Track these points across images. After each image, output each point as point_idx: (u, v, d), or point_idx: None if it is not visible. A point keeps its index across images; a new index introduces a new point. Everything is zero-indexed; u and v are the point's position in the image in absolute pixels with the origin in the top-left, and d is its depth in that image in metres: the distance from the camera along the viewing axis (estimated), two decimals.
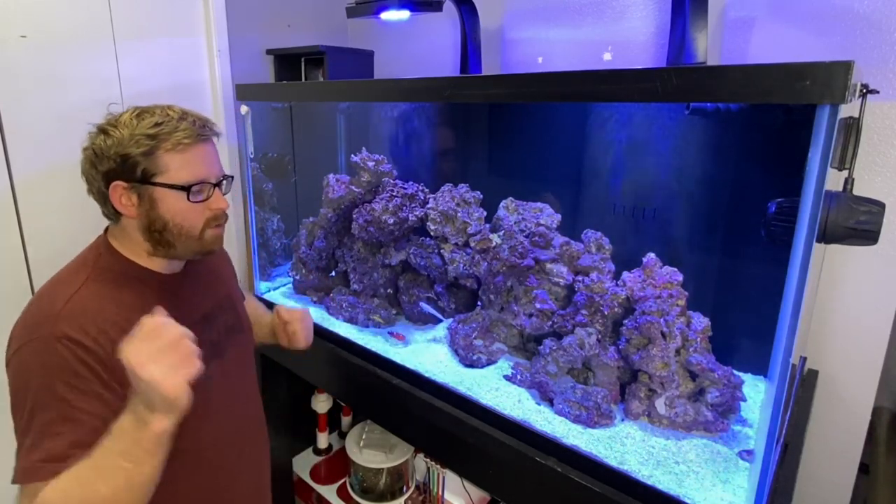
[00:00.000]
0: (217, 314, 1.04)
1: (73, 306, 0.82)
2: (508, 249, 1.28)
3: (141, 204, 0.87)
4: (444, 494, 1.54)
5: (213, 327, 1.01)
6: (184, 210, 0.89)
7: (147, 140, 0.84)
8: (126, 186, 0.86)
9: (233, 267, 1.22)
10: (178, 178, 0.87)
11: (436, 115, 1.79)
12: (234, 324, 1.08)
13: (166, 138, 0.85)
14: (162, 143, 0.85)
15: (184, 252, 0.93)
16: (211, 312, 1.03)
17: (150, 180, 0.86)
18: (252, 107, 1.66)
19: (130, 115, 0.87)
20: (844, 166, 0.88)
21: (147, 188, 0.86)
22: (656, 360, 1.06)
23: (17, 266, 1.40)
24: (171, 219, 0.88)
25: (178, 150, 0.86)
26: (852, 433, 1.24)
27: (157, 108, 0.89)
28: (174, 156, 0.86)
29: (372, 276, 1.57)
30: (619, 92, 0.86)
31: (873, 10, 1.09)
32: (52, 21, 1.39)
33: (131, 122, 0.86)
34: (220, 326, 1.03)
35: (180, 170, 0.87)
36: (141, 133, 0.85)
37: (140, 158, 0.84)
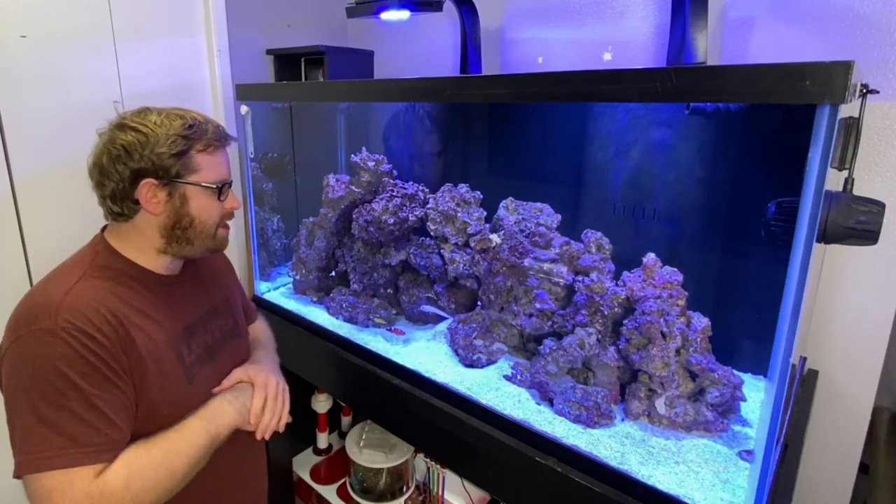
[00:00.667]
0: (212, 317, 1.04)
1: (72, 298, 0.82)
2: (508, 249, 1.28)
3: (170, 201, 0.90)
4: (444, 494, 1.54)
5: (207, 330, 1.02)
6: (210, 208, 0.94)
7: (182, 140, 0.89)
8: (156, 184, 0.88)
9: (233, 270, 1.22)
10: (209, 178, 0.92)
11: (436, 115, 1.79)
12: (231, 328, 1.09)
13: (199, 139, 0.91)
14: (195, 144, 0.90)
15: (198, 250, 0.96)
16: (206, 315, 1.03)
17: (183, 179, 0.90)
18: (252, 107, 1.66)
19: (159, 117, 0.90)
20: (844, 166, 0.87)
21: (179, 186, 0.90)
22: (656, 360, 1.06)
23: (17, 266, 1.40)
24: (198, 216, 0.93)
25: (209, 152, 0.92)
26: (852, 433, 1.24)
27: (177, 111, 0.92)
28: (205, 157, 0.92)
29: (372, 276, 1.57)
30: (619, 92, 0.86)
31: (873, 10, 1.09)
32: (52, 21, 1.39)
33: (164, 123, 0.89)
34: (214, 329, 1.04)
35: (210, 170, 0.93)
36: (175, 133, 0.88)
37: (175, 158, 0.88)
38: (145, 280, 0.93)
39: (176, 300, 0.97)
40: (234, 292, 1.16)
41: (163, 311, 0.93)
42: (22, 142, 1.37)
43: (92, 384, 0.78)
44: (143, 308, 0.90)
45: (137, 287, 0.91)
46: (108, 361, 0.80)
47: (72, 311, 0.80)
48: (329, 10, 2.04)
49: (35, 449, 0.75)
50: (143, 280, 0.93)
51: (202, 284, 1.06)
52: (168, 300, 0.95)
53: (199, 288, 1.05)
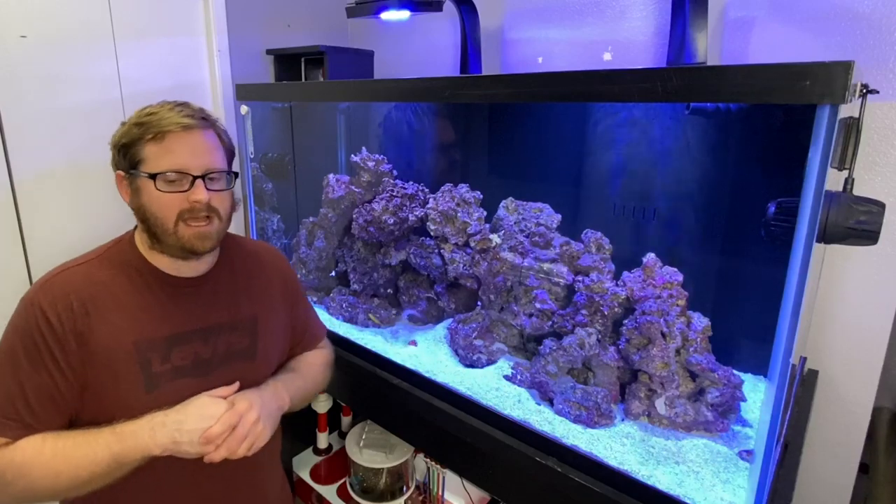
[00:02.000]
0: (222, 331, 0.97)
1: (57, 279, 0.87)
2: (508, 249, 1.28)
3: (133, 193, 0.89)
4: (444, 494, 1.54)
5: (208, 343, 0.95)
6: (156, 199, 0.87)
7: (136, 129, 0.87)
8: (123, 175, 0.90)
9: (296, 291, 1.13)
10: (155, 167, 0.86)
11: (436, 115, 1.79)
12: (243, 349, 0.99)
13: (150, 127, 0.86)
14: (146, 133, 0.86)
15: (167, 247, 0.90)
16: (213, 328, 0.96)
17: (136, 168, 0.87)
18: (252, 107, 1.66)
19: (141, 109, 0.89)
20: (844, 166, 0.87)
21: (133, 177, 0.88)
22: (656, 360, 1.06)
23: (17, 266, 1.40)
24: (149, 208, 0.88)
25: (158, 139, 0.86)
26: (852, 433, 1.24)
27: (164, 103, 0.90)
28: (154, 144, 0.86)
29: (372, 276, 1.57)
30: (619, 92, 0.86)
31: (873, 10, 1.09)
32: (52, 21, 1.39)
33: (135, 114, 0.89)
34: (218, 344, 0.96)
35: (158, 158, 0.86)
36: (132, 122, 0.88)
37: (127, 148, 0.87)
38: (149, 276, 0.92)
39: (178, 304, 0.93)
40: (276, 314, 1.06)
41: (151, 312, 0.90)
42: (22, 142, 1.37)
43: (29, 361, 0.82)
44: (129, 304, 0.89)
45: (138, 282, 0.91)
46: (52, 348, 0.83)
47: (47, 291, 0.85)
48: (329, 10, 2.04)
49: None
50: (146, 275, 0.92)
51: (227, 295, 0.99)
52: (167, 302, 0.92)
53: (221, 297, 0.98)
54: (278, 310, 1.07)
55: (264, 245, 1.18)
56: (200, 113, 0.91)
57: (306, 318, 1.16)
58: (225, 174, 0.93)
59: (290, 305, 1.11)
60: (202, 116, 0.91)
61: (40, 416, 0.83)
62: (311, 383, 1.10)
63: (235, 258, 1.05)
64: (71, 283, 0.87)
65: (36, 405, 0.82)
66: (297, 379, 1.06)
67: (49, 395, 0.83)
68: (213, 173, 0.90)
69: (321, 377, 1.15)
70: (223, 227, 0.95)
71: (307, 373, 1.11)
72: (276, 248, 1.19)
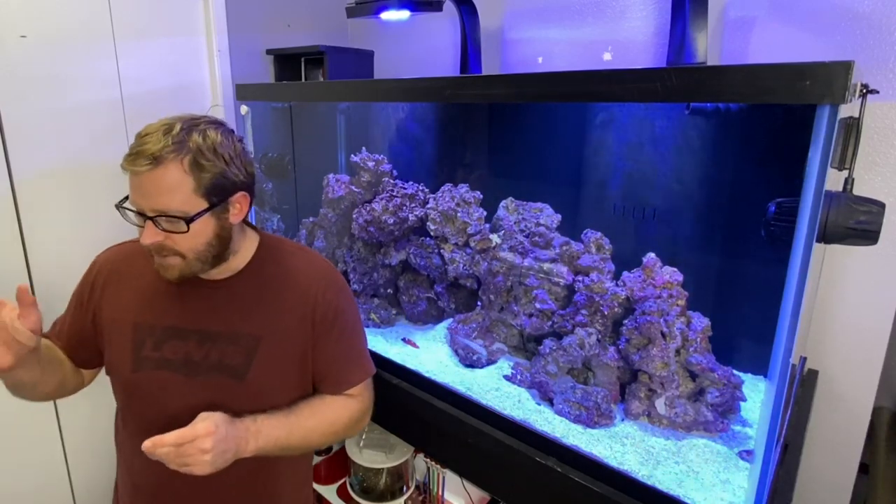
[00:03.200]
0: (218, 341, 0.94)
1: (114, 249, 1.05)
2: (508, 249, 1.28)
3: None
4: (444, 494, 1.54)
5: (202, 347, 0.93)
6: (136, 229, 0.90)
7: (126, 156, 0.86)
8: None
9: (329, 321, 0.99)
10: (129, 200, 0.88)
11: (436, 115, 1.79)
12: (234, 365, 0.93)
13: (126, 159, 0.84)
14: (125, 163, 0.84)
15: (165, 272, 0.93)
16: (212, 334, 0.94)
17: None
18: (252, 107, 1.66)
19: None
20: (844, 166, 0.87)
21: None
22: (656, 360, 1.06)
23: (18, 266, 1.40)
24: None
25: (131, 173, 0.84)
26: (852, 433, 1.24)
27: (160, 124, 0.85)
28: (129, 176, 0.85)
29: (372, 276, 1.57)
30: (619, 92, 0.86)
31: (873, 10, 1.09)
32: (52, 21, 1.39)
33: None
34: (211, 352, 0.93)
35: (131, 191, 0.86)
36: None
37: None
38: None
39: (186, 300, 0.95)
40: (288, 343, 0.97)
41: (160, 300, 0.96)
42: (22, 142, 1.37)
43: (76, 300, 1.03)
44: (144, 288, 0.97)
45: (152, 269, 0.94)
46: (81, 294, 1.02)
47: (104, 254, 1.04)
48: (329, 10, 2.04)
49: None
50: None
51: (241, 305, 0.95)
52: (176, 296, 0.95)
53: (232, 307, 0.95)
54: (293, 339, 0.97)
55: (311, 265, 1.03)
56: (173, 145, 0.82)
57: (333, 361, 1.01)
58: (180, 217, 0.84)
59: (317, 337, 0.99)
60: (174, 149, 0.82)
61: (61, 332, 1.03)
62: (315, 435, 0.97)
63: (267, 270, 0.99)
64: (116, 254, 1.03)
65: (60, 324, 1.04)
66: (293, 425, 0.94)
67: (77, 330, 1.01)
68: (163, 215, 0.84)
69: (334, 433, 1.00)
70: (195, 261, 0.89)
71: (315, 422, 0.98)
72: (326, 271, 1.04)
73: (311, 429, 0.97)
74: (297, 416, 0.95)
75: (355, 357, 1.05)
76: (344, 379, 1.02)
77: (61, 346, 1.02)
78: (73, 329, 1.02)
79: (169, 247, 0.87)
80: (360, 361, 1.06)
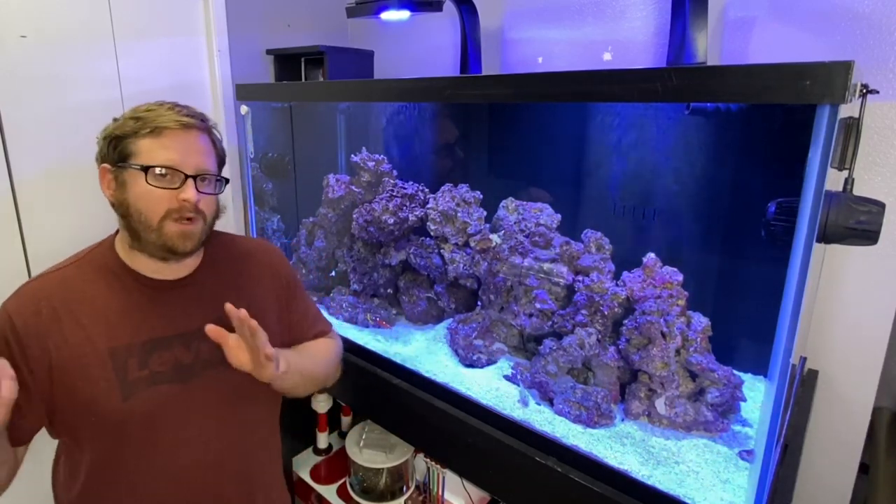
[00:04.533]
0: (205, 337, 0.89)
1: (31, 285, 0.89)
2: (508, 249, 1.28)
3: (118, 187, 0.87)
4: (444, 494, 1.54)
5: (190, 348, 0.92)
6: (144, 194, 0.85)
7: (132, 122, 0.86)
8: (109, 169, 0.88)
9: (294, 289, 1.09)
10: (147, 160, 0.85)
11: (436, 115, 1.79)
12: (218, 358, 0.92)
13: (147, 122, 0.85)
14: (142, 127, 0.85)
15: (147, 244, 0.88)
16: (196, 333, 0.91)
17: (125, 161, 0.86)
18: (252, 107, 1.66)
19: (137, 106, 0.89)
20: (844, 166, 0.87)
21: (121, 170, 0.86)
22: (656, 360, 1.06)
23: (17, 266, 1.40)
24: (133, 202, 0.86)
25: (155, 134, 0.85)
26: (852, 433, 1.24)
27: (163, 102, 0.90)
28: (150, 139, 0.85)
29: (372, 276, 1.57)
30: (619, 92, 0.86)
31: (873, 10, 1.09)
32: (52, 21, 1.39)
33: (131, 110, 0.88)
34: (201, 351, 0.93)
35: (152, 152, 0.85)
36: (128, 116, 0.87)
37: (121, 140, 0.86)
38: (126, 279, 0.90)
39: (157, 307, 0.91)
40: (267, 316, 1.01)
41: (128, 317, 0.89)
42: (22, 142, 1.37)
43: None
44: (105, 309, 0.88)
45: (116, 286, 0.89)
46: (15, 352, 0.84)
47: (18, 297, 0.88)
48: (329, 10, 2.04)
49: None
50: (123, 279, 0.90)
51: (211, 297, 0.95)
52: (145, 306, 0.90)
53: (204, 300, 0.95)
54: (269, 311, 1.03)
55: (260, 243, 1.16)
56: (200, 115, 0.91)
57: (304, 315, 1.11)
58: (215, 179, 0.92)
59: (285, 304, 1.07)
60: (201, 119, 0.91)
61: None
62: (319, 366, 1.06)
63: (222, 259, 1.01)
64: (43, 288, 0.88)
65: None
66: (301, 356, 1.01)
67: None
68: (205, 175, 0.89)
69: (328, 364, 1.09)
70: (206, 230, 0.93)
71: (313, 355, 1.07)
72: (273, 246, 1.16)
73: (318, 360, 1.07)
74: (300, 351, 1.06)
75: (315, 313, 1.17)
76: (318, 330, 1.14)
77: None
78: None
79: (201, 209, 0.89)
80: (320, 315, 1.18)
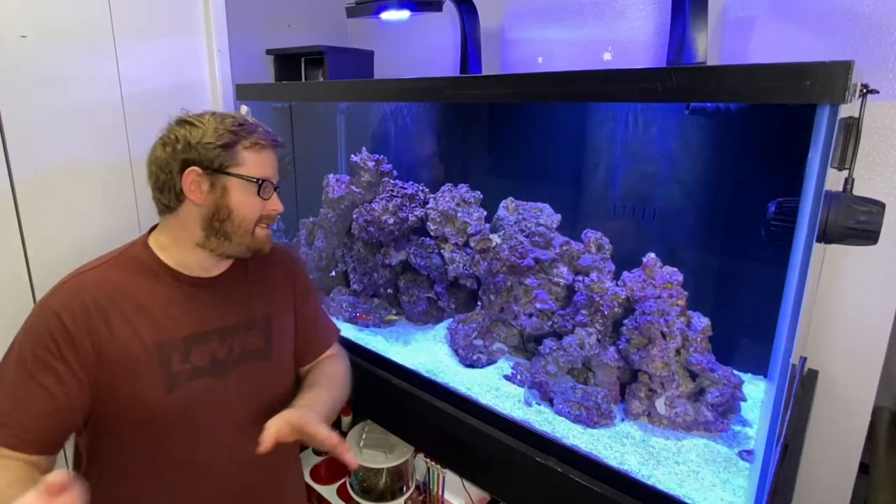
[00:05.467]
0: (238, 332, 0.99)
1: (72, 282, 0.90)
2: (508, 249, 1.28)
3: (211, 191, 0.92)
4: (444, 494, 1.54)
5: (224, 343, 0.97)
6: (249, 203, 0.94)
7: (230, 135, 0.91)
8: (200, 173, 0.91)
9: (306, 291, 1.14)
10: (251, 173, 0.93)
11: (436, 115, 1.79)
12: (258, 349, 1.02)
13: (246, 136, 0.93)
14: (242, 140, 0.92)
15: (236, 247, 0.95)
16: (230, 328, 0.98)
17: (227, 170, 0.92)
18: (252, 107, 1.66)
19: (214, 115, 0.94)
20: (844, 166, 0.87)
21: (222, 177, 0.92)
22: (656, 360, 1.06)
23: (18, 266, 1.40)
24: (236, 209, 0.93)
25: (255, 150, 0.94)
26: (852, 433, 1.24)
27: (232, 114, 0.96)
28: (251, 153, 0.93)
29: (372, 276, 1.57)
30: (619, 92, 0.86)
31: (873, 10, 1.09)
32: (52, 21, 1.39)
33: (217, 119, 0.93)
34: (234, 345, 0.98)
35: (253, 166, 0.94)
36: (225, 128, 0.92)
37: (221, 149, 0.91)
38: (165, 277, 0.94)
39: (194, 304, 0.95)
40: (287, 313, 1.08)
41: (169, 312, 0.92)
42: (22, 142, 1.37)
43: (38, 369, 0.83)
44: (147, 304, 0.91)
45: (154, 283, 0.93)
46: (63, 349, 0.84)
47: (63, 293, 0.88)
48: (329, 10, 2.04)
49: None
50: (162, 276, 0.93)
51: (242, 296, 1.01)
52: (184, 302, 0.94)
53: (235, 298, 1.00)
54: (288, 309, 1.09)
55: (282, 248, 1.17)
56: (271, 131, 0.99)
57: (315, 320, 1.15)
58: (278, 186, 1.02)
59: (298, 305, 1.11)
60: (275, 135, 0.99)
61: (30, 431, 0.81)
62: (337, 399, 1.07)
63: (249, 261, 1.05)
64: (85, 284, 0.89)
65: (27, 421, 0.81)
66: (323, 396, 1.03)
67: (46, 411, 0.82)
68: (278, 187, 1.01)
69: (344, 390, 1.11)
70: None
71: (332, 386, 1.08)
72: (289, 248, 1.20)
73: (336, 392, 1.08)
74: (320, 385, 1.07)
75: (324, 317, 1.20)
76: (325, 337, 1.17)
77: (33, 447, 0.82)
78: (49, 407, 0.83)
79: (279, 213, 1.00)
80: (329, 321, 1.22)
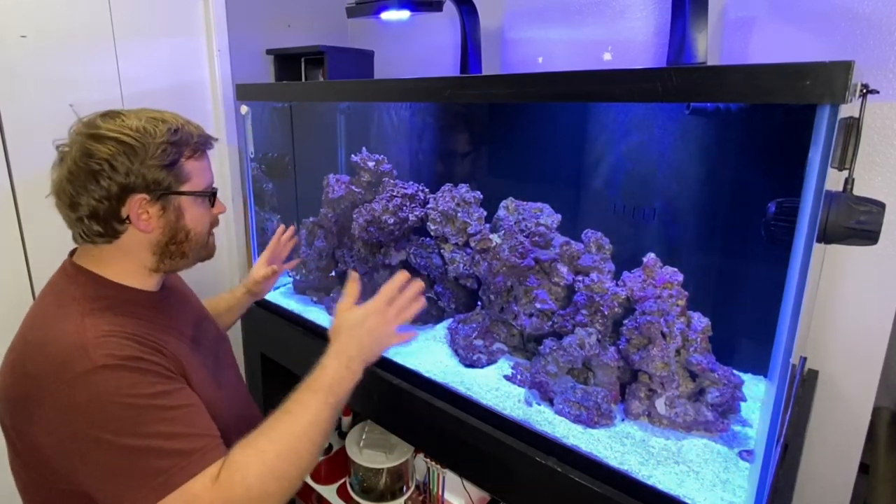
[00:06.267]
0: (203, 325, 1.02)
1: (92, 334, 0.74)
2: (508, 249, 1.28)
3: (163, 216, 0.83)
4: (444, 494, 1.54)
5: (206, 337, 1.00)
6: (203, 217, 0.89)
7: (172, 148, 0.81)
8: (147, 199, 0.80)
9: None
10: (200, 185, 0.86)
11: (436, 115, 1.79)
12: (217, 332, 1.08)
13: (185, 144, 0.83)
14: (184, 151, 0.83)
15: (191, 262, 0.91)
16: (199, 322, 1.01)
17: (177, 189, 0.83)
18: (252, 107, 1.66)
19: (139, 122, 0.80)
20: (844, 166, 0.87)
21: (172, 199, 0.83)
22: (656, 360, 1.06)
23: (18, 266, 1.41)
24: (193, 227, 0.87)
25: (197, 158, 0.86)
26: (852, 433, 1.24)
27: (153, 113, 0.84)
28: (194, 163, 0.85)
29: (372, 276, 1.57)
30: (619, 92, 0.86)
31: (873, 10, 1.09)
32: (52, 21, 1.39)
33: (147, 130, 0.80)
34: (209, 336, 1.02)
35: (200, 176, 0.86)
36: (163, 141, 0.80)
37: (167, 169, 0.81)
38: (140, 300, 0.86)
39: (173, 314, 0.93)
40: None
41: (171, 326, 0.90)
42: (22, 142, 1.37)
43: (162, 398, 0.73)
44: (155, 327, 0.84)
45: (138, 310, 0.84)
46: (163, 371, 0.76)
47: (102, 345, 0.73)
48: (329, 10, 2.04)
49: (143, 483, 0.68)
50: (140, 302, 0.86)
51: (180, 297, 1.02)
52: (167, 316, 0.91)
53: (181, 299, 1.02)
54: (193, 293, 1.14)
55: None
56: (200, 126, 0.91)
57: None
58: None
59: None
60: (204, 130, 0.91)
61: (213, 423, 0.78)
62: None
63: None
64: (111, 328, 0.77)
65: (202, 419, 0.77)
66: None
67: (199, 405, 0.79)
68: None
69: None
70: None
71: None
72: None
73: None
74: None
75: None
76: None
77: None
78: (205, 413, 0.80)
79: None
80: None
